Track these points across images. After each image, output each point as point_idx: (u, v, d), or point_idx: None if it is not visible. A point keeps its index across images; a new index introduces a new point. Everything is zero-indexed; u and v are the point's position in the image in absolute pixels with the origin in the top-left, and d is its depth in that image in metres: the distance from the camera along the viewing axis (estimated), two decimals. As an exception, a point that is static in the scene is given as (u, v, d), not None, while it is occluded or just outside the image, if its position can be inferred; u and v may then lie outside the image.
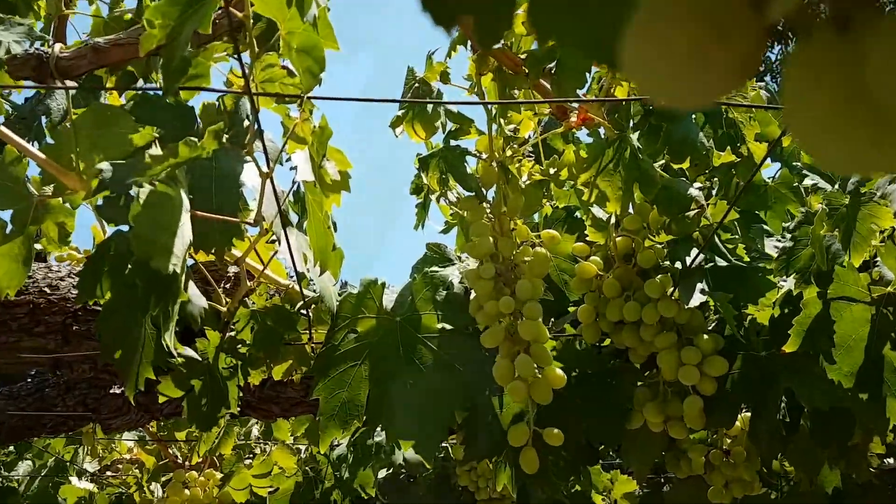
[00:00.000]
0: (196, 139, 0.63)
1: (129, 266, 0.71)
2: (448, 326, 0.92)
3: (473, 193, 0.92)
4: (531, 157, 1.07)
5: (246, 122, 0.90)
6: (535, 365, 0.84)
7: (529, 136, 0.98)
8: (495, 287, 0.88)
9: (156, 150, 0.61)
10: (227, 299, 0.98)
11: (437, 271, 0.98)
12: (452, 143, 0.96)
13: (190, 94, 0.73)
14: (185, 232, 0.64)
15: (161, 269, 0.60)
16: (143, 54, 0.58)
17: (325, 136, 0.75)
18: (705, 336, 0.91)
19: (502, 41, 0.73)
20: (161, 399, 0.88)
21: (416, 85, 0.93)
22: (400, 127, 0.93)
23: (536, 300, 0.88)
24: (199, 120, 0.90)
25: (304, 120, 0.76)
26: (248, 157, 0.76)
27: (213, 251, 0.86)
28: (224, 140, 0.69)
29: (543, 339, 0.87)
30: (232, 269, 1.05)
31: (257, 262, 1.00)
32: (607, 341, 1.01)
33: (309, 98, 0.70)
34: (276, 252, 0.98)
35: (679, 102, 0.19)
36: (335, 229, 0.90)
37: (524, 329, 0.85)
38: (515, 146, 0.95)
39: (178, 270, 0.62)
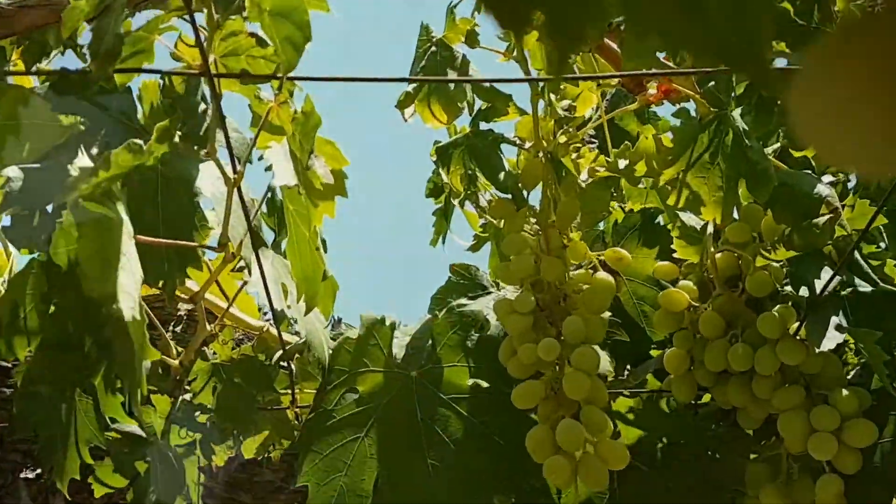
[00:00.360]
0: (140, 142, 0.64)
1: (54, 310, 0.73)
2: (483, 383, 0.92)
3: (510, 196, 0.93)
4: (593, 144, 1.07)
5: (202, 107, 0.91)
6: (587, 435, 0.85)
7: (591, 116, 0.98)
8: (535, 325, 0.89)
9: (83, 158, 0.62)
10: (180, 348, 1.00)
11: (467, 305, 0.99)
12: (483, 126, 0.97)
13: (128, 77, 0.74)
14: (132, 265, 0.65)
15: (118, 317, 0.61)
16: (68, 34, 0.59)
17: (312, 125, 0.76)
18: (845, 391, 0.90)
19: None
20: (98, 492, 0.89)
21: (433, 49, 0.94)
22: (410, 107, 0.94)
23: (592, 344, 0.89)
24: (139, 105, 0.92)
25: (281, 103, 0.77)
26: (207, 157, 0.77)
27: (160, 285, 0.87)
28: (176, 138, 0.70)
29: (599, 399, 0.87)
30: (184, 307, 1.07)
31: (220, 298, 1.01)
32: (706, 398, 1.00)
33: (290, 78, 0.71)
34: (244, 283, 0.99)
35: (875, 175, 0.19)
36: (324, 249, 0.91)
37: (571, 384, 0.85)
38: (571, 130, 0.95)
39: (137, 316, 0.63)
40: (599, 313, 0.90)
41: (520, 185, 0.91)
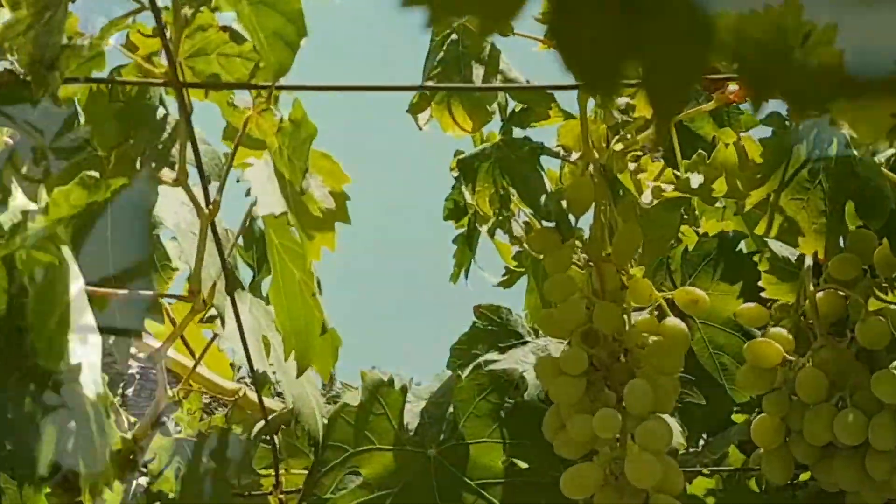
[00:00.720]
0: (96, 175, 0.65)
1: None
2: (522, 464, 0.92)
3: (553, 223, 0.93)
4: (657, 153, 1.07)
5: (161, 112, 0.92)
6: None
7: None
8: (589, 390, 0.89)
9: (17, 194, 0.63)
10: (132, 418, 1.00)
11: (498, 360, 0.99)
12: (517, 133, 0.98)
13: (74, 90, 0.75)
14: (88, 328, 0.66)
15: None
16: (9, 51, 0.61)
17: (304, 136, 0.77)
18: None
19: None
20: None
21: (454, 37, 0.95)
22: (425, 112, 0.94)
23: (663, 413, 0.89)
24: (79, 111, 0.92)
25: (261, 111, 0.77)
26: (175, 184, 0.78)
27: (110, 341, 0.88)
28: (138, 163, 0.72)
29: (672, 485, 0.87)
30: (137, 364, 1.07)
31: (184, 354, 1.01)
32: (806, 476, 1.00)
33: (278, 87, 0.72)
34: (215, 336, 0.99)
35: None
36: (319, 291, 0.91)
37: (637, 469, 0.85)
38: (629, 136, 0.96)
39: (101, 391, 0.66)
40: (671, 374, 0.90)
41: (566, 208, 0.91)
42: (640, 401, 0.87)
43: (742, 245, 1.07)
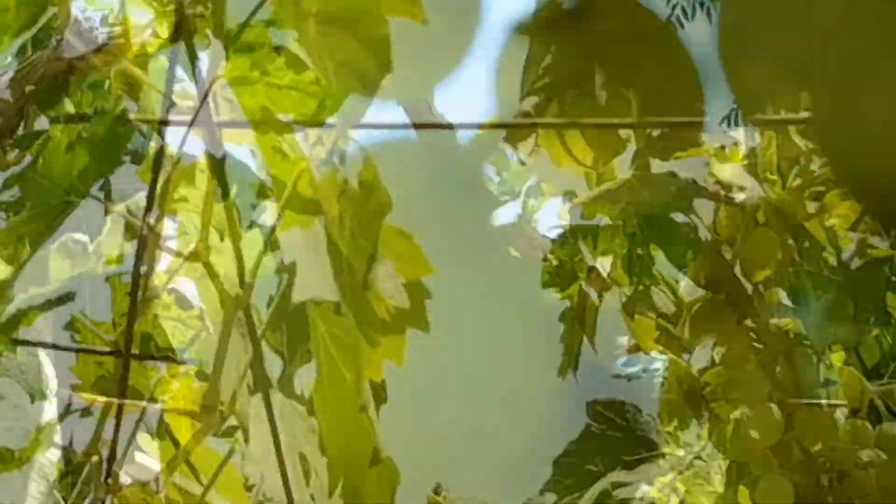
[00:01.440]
0: (85, 240, 0.65)
1: None
2: None
3: (721, 293, 0.89)
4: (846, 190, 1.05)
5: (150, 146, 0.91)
6: None
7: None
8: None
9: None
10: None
11: (627, 484, 0.98)
12: (656, 165, 0.93)
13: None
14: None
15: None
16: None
17: (376, 208, 0.77)
18: None
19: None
20: None
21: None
22: (528, 140, 0.90)
23: None
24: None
25: (321, 164, 0.77)
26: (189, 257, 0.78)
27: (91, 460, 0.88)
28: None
29: None
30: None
31: (187, 476, 0.97)
32: None
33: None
34: (231, 451, 0.96)
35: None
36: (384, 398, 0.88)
37: None
38: (812, 165, 0.93)
39: None
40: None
41: (739, 272, 0.90)
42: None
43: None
